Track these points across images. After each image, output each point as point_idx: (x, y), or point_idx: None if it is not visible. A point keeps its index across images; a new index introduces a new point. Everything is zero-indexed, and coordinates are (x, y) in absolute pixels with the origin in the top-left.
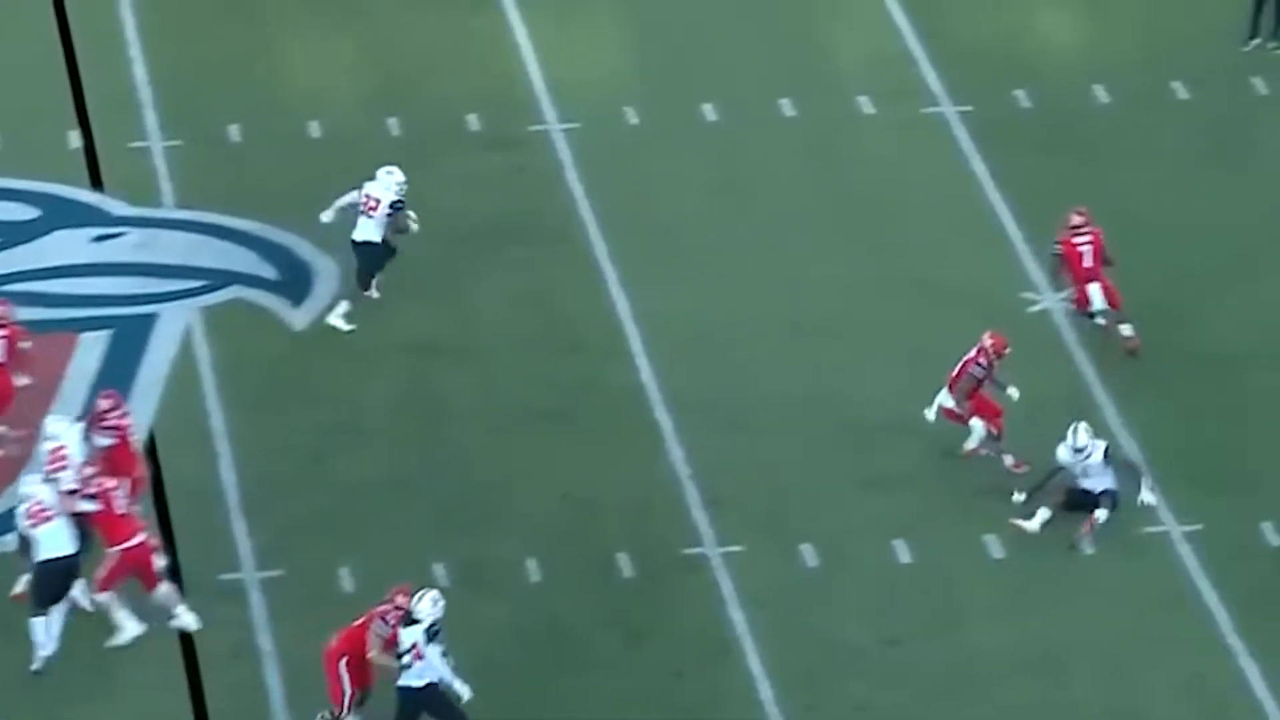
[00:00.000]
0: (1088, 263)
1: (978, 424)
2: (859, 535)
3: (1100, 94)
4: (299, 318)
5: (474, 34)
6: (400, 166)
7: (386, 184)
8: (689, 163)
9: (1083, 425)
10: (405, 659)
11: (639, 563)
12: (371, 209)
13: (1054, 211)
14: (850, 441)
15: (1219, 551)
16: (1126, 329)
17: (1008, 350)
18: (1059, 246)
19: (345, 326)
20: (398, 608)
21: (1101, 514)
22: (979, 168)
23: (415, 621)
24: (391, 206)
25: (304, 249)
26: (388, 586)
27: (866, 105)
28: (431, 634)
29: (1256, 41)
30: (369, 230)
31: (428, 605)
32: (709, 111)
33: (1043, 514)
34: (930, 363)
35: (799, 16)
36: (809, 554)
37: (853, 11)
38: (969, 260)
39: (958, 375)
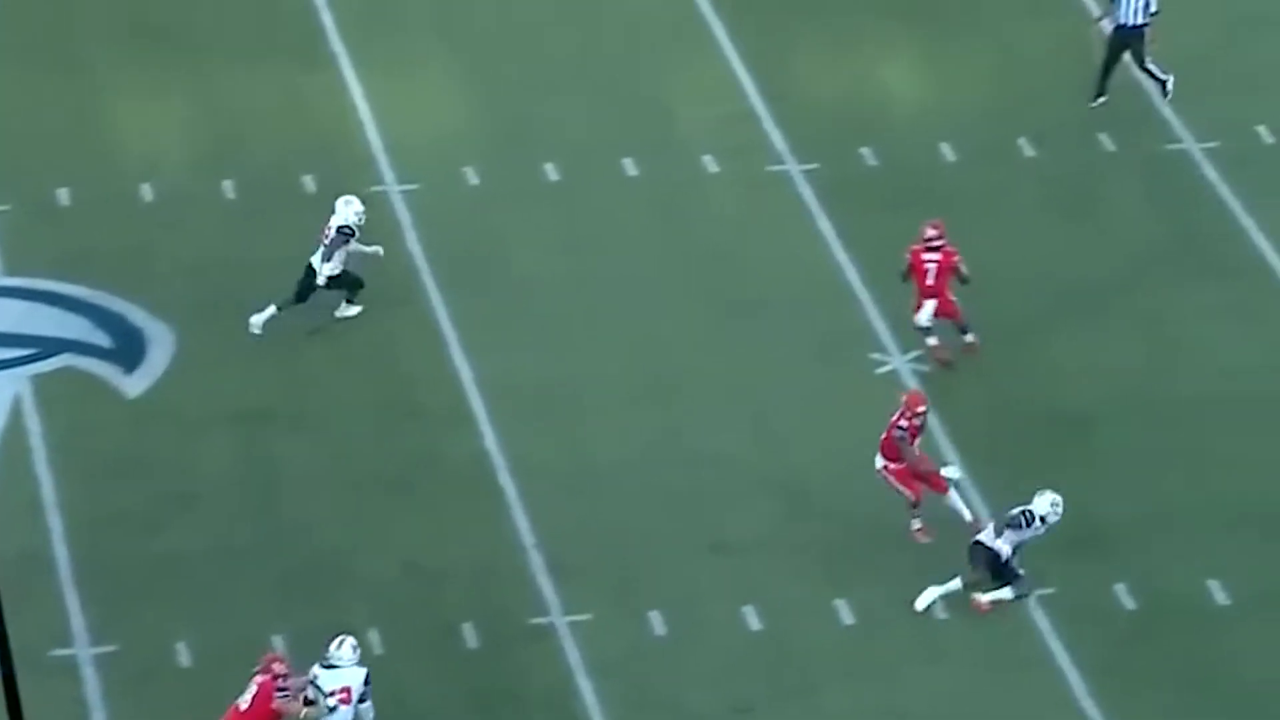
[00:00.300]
0: (930, 280)
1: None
2: (708, 601)
3: (947, 151)
4: (132, 385)
5: (309, 93)
6: (235, 229)
7: (344, 214)
8: (531, 223)
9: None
10: (332, 701)
11: (484, 632)
12: (324, 238)
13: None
14: (699, 504)
15: (1072, 614)
16: (969, 336)
17: (921, 408)
18: (908, 255)
19: (352, 311)
20: (280, 675)
21: (1007, 593)
22: (825, 226)
23: (333, 667)
24: (337, 231)
25: (137, 315)
26: (226, 660)
27: (711, 164)
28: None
29: (1103, 99)
30: (316, 258)
31: (348, 651)
32: (551, 171)
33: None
34: (778, 423)
35: (641, 75)
36: (657, 621)
37: (696, 70)
38: (817, 320)
39: (886, 437)
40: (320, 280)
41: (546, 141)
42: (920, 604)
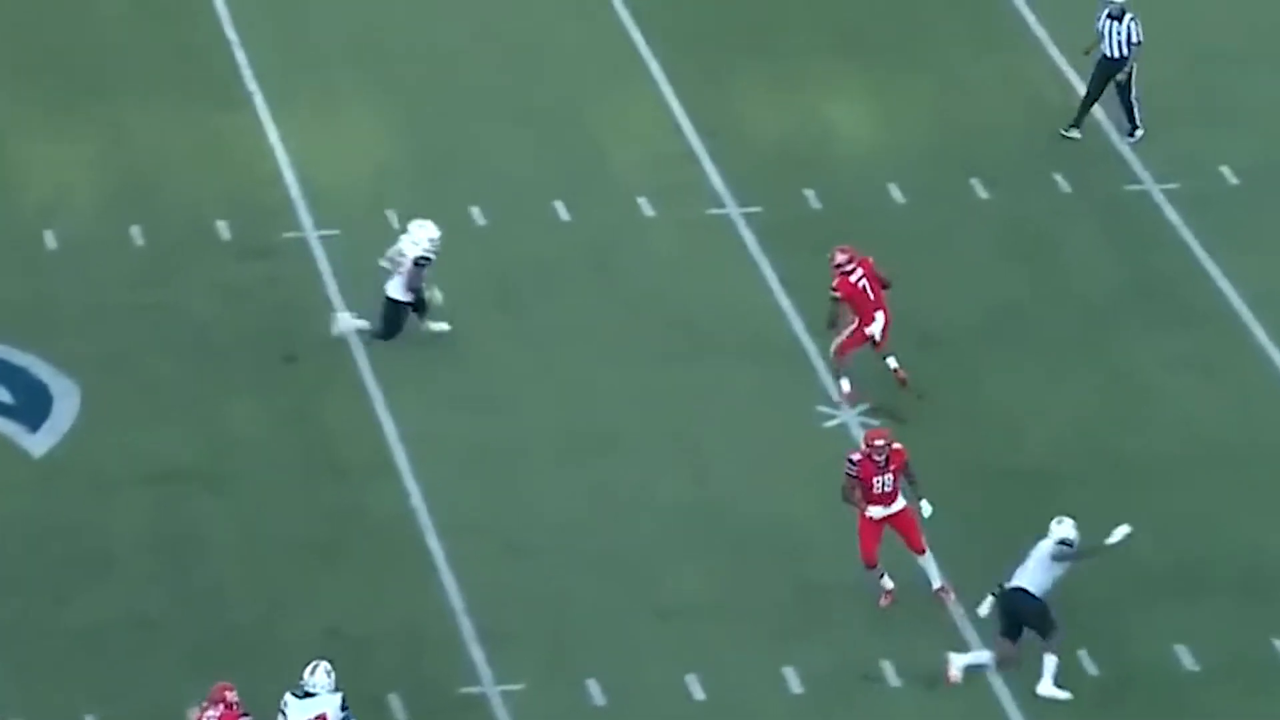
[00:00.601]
0: (872, 295)
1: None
2: (649, 668)
3: (895, 192)
4: (37, 444)
5: (223, 134)
6: (144, 277)
7: (416, 238)
8: (458, 270)
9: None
10: None
11: (412, 703)
12: (398, 265)
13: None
14: (639, 567)
15: (1034, 682)
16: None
17: (879, 442)
18: (836, 290)
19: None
20: (236, 704)
21: (1051, 662)
22: (767, 271)
23: (308, 695)
24: (415, 262)
25: (42, 370)
26: None
27: (647, 207)
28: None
29: (1077, 133)
30: (394, 288)
31: (322, 677)
32: (478, 214)
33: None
34: (722, 479)
35: (574, 113)
36: (595, 690)
37: (631, 108)
38: (761, 370)
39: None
40: (402, 302)
41: (474, 183)
42: (955, 674)
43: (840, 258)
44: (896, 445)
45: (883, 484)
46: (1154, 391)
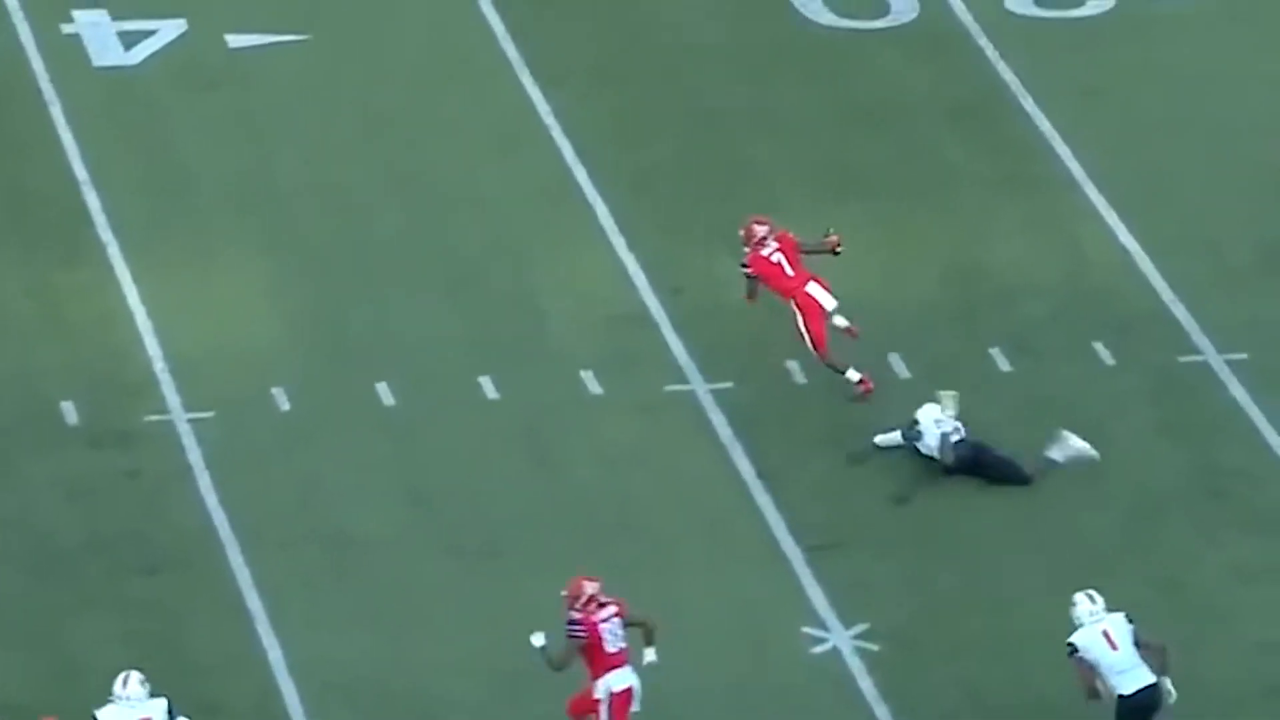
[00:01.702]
0: (790, 271)
1: None
2: None
3: (898, 364)
4: None
5: (69, 295)
6: None
7: (945, 419)
8: (360, 462)
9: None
10: None
11: None
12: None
13: (846, 521)
14: None
15: None
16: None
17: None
18: (748, 266)
19: None
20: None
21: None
22: (741, 462)
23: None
24: (943, 438)
25: None
26: None
27: (592, 383)
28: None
29: None
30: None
31: (136, 687)
32: (385, 393)
33: None
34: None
35: (502, 266)
36: None
37: (573, 264)
38: (735, 587)
39: None
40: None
41: (379, 354)
42: None
43: (759, 230)
44: None
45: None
46: (1223, 608)
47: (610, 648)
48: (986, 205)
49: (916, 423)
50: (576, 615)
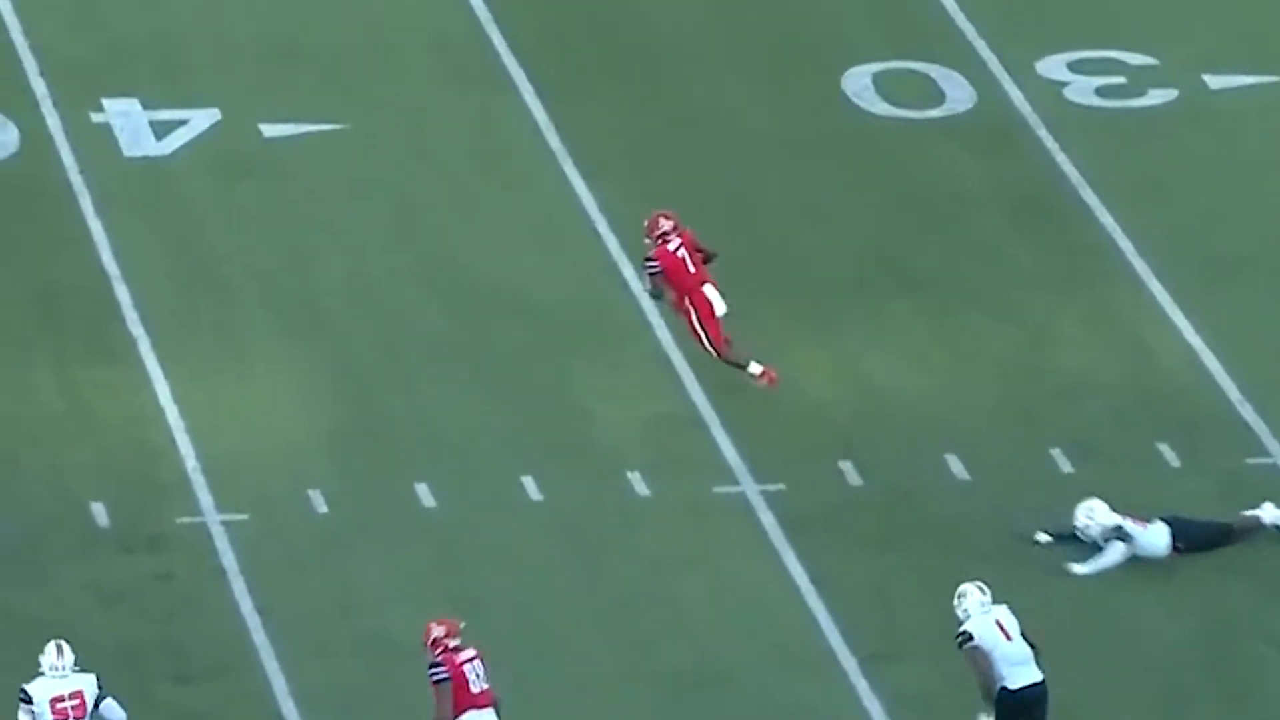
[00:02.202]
0: (692, 268)
1: None
2: None
3: (955, 466)
4: None
5: (99, 392)
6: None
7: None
8: (401, 565)
9: None
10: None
11: None
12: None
13: (903, 628)
14: None
15: None
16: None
17: None
18: (654, 261)
19: None
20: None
21: None
22: (794, 567)
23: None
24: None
25: None
26: None
27: (640, 484)
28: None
29: None
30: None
31: (67, 655)
32: (425, 494)
33: None
34: None
35: (546, 367)
36: None
37: (620, 362)
38: (788, 696)
39: None
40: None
41: (419, 454)
42: None
43: (664, 224)
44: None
45: None
46: None
47: (474, 688)
48: (1046, 301)
49: (1091, 518)
50: (436, 657)
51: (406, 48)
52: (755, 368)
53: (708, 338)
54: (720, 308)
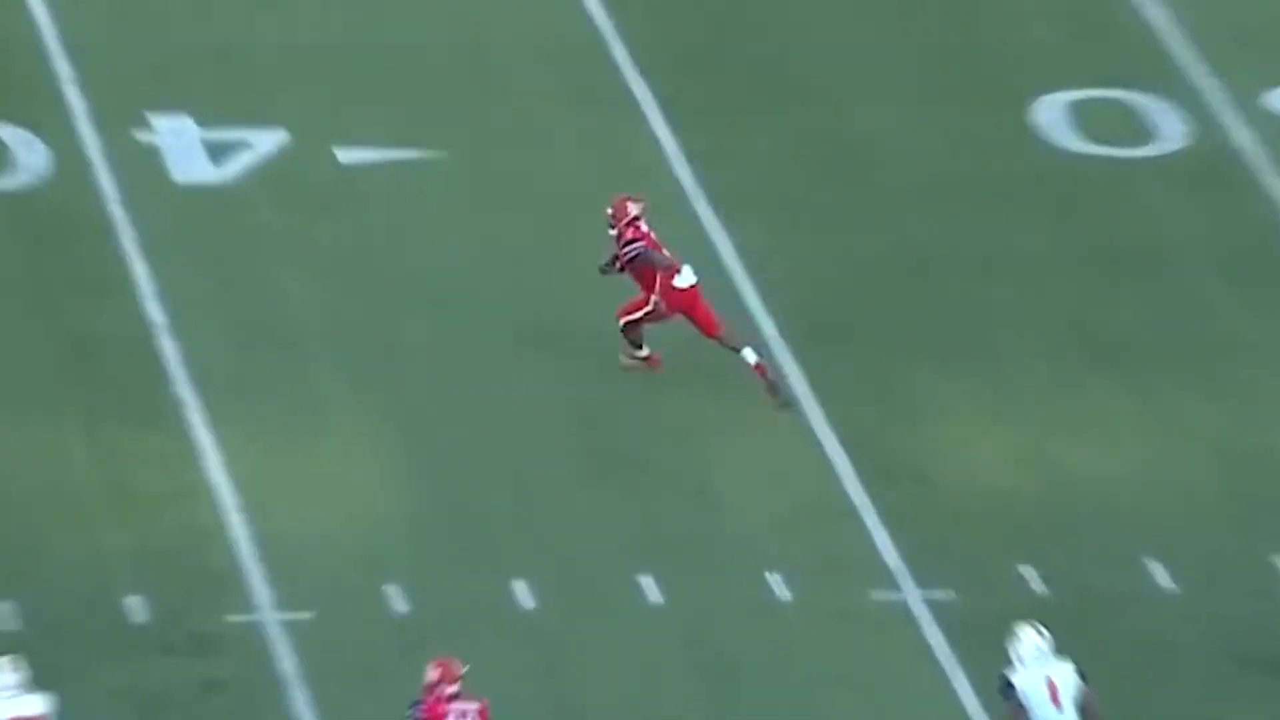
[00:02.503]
0: (666, 251)
1: None
2: None
3: (1159, 575)
4: None
5: (139, 464)
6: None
7: None
8: (495, 676)
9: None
10: None
11: None
12: None
13: None
14: None
15: None
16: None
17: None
18: (639, 243)
19: None
20: None
21: None
22: (965, 692)
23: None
24: None
25: None
26: None
27: (780, 587)
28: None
29: None
30: None
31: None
32: (524, 594)
33: None
34: None
35: (668, 451)
36: None
37: (757, 442)
38: None
39: None
40: None
41: (517, 546)
42: None
43: (633, 209)
44: None
45: None
46: None
47: None
48: (1267, 376)
49: None
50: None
51: (512, 60)
52: (750, 356)
53: (631, 317)
54: (691, 278)
